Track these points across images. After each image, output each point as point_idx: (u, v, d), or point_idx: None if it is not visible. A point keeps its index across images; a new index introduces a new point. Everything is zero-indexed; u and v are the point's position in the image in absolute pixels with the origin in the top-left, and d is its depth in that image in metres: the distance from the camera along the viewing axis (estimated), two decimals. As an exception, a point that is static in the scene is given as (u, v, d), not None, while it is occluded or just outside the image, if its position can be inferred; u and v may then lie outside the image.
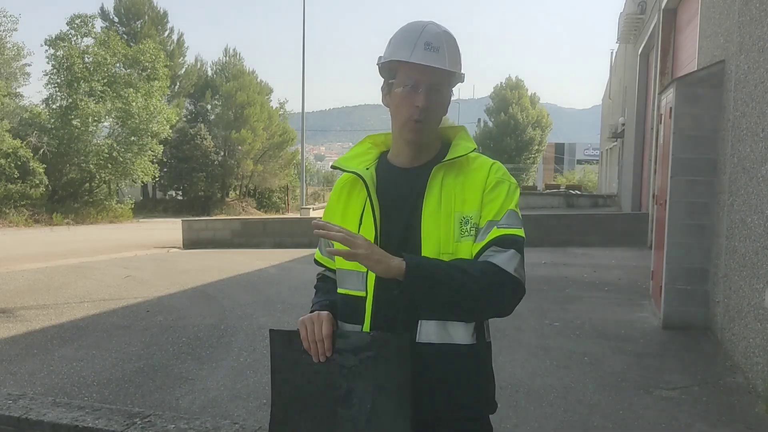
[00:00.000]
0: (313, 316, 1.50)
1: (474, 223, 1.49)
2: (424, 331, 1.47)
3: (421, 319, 1.47)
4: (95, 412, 3.33)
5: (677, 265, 5.66)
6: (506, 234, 1.46)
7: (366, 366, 1.45)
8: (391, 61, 1.52)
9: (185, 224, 14.59)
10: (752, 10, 4.64)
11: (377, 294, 1.50)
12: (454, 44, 1.54)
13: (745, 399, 3.98)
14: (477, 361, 1.52)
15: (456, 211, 1.50)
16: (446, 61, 1.50)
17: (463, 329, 1.48)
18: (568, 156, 56.17)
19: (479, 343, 1.51)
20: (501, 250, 1.45)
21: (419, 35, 1.50)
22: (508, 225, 1.48)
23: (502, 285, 1.43)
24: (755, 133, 4.42)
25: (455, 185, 1.52)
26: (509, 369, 4.61)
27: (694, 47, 7.72)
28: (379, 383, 1.43)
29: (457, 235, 1.48)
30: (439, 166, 1.53)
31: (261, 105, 34.41)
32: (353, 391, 1.46)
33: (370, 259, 1.39)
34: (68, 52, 24.82)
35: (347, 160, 1.64)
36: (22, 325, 6.20)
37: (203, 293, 7.94)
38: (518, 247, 1.47)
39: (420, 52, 1.48)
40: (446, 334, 1.47)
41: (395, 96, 1.53)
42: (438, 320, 1.47)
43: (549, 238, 12.48)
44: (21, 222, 21.88)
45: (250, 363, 4.88)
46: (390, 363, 1.43)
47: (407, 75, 1.50)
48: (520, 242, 1.48)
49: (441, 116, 1.56)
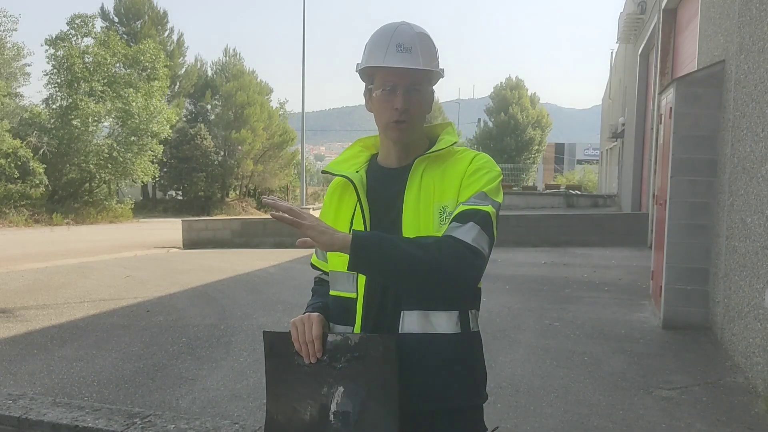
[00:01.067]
0: (303, 318, 1.52)
1: (450, 211, 1.49)
2: (407, 322, 1.48)
3: (404, 310, 1.48)
4: (95, 412, 3.33)
5: (677, 265, 5.66)
6: (468, 209, 1.44)
7: (354, 366, 1.46)
8: (367, 67, 1.53)
9: (185, 224, 14.60)
10: (752, 10, 4.64)
11: (367, 295, 1.51)
12: (427, 42, 1.53)
13: (745, 399, 3.98)
14: (462, 350, 1.51)
15: (435, 202, 1.50)
16: (420, 61, 1.49)
17: (446, 319, 1.48)
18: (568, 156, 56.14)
19: (464, 332, 1.51)
20: (459, 224, 1.42)
21: (391, 38, 1.50)
22: (473, 203, 1.46)
23: (458, 254, 1.38)
24: (755, 133, 4.42)
25: (434, 176, 1.53)
26: (509, 369, 4.61)
27: (694, 47, 7.72)
28: (367, 383, 1.45)
29: (437, 226, 1.48)
30: (421, 158, 1.54)
31: (261, 105, 34.42)
32: (343, 392, 1.47)
33: (315, 229, 1.36)
34: (68, 52, 24.82)
35: (338, 164, 1.65)
36: (22, 325, 6.20)
37: (203, 293, 7.94)
38: (478, 219, 1.43)
39: (393, 55, 1.49)
40: (428, 324, 1.47)
41: (375, 100, 1.54)
42: (420, 310, 1.47)
43: (549, 238, 12.49)
44: (21, 222, 21.88)
45: (250, 363, 4.88)
46: (377, 363, 1.44)
47: (383, 79, 1.51)
48: (482, 214, 1.44)
49: (424, 114, 1.56)
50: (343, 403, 1.47)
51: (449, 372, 1.49)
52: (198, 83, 35.48)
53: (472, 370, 1.55)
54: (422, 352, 1.47)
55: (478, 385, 1.56)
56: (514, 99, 47.79)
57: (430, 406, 1.49)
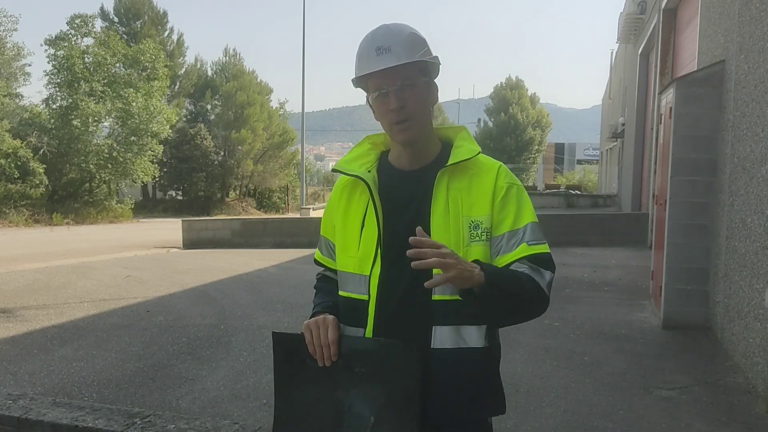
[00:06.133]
0: (318, 321, 1.48)
1: (485, 228, 1.49)
2: (439, 337, 1.47)
3: (435, 325, 1.47)
4: (95, 412, 3.33)
5: (677, 265, 5.66)
6: (538, 253, 1.50)
7: (373, 372, 1.44)
8: (358, 78, 1.54)
9: (185, 224, 14.60)
10: (752, 10, 4.64)
11: (380, 298, 1.50)
12: (407, 36, 1.50)
13: (745, 399, 3.98)
14: (490, 363, 1.53)
15: (464, 215, 1.49)
16: (402, 57, 1.47)
17: (476, 333, 1.48)
18: (568, 156, 56.13)
19: (491, 345, 1.52)
20: (537, 268, 1.48)
21: (370, 43, 1.50)
22: (536, 241, 1.51)
23: (541, 302, 1.48)
24: (755, 133, 4.42)
25: (461, 189, 1.51)
26: (509, 369, 4.61)
27: (694, 47, 7.72)
28: (387, 390, 1.42)
29: (467, 240, 1.48)
30: (443, 170, 1.52)
31: (261, 105, 34.42)
32: (359, 397, 1.44)
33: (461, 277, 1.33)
34: (68, 52, 24.83)
35: (348, 162, 1.62)
36: (22, 325, 6.20)
37: (203, 293, 7.94)
38: (551, 267, 1.52)
39: (373, 60, 1.48)
40: (460, 338, 1.47)
41: (374, 107, 1.54)
42: (452, 325, 1.47)
43: (549, 238, 12.21)
44: (21, 222, 21.89)
45: (250, 363, 4.88)
46: (398, 371, 1.41)
47: (374, 85, 1.51)
48: (551, 261, 1.53)
49: (426, 107, 1.54)
50: (359, 407, 1.44)
51: (478, 383, 1.50)
52: (198, 83, 35.49)
53: (496, 379, 1.56)
54: (454, 366, 1.46)
55: (500, 393, 1.58)
56: (514, 99, 47.78)
57: (459, 416, 1.49)
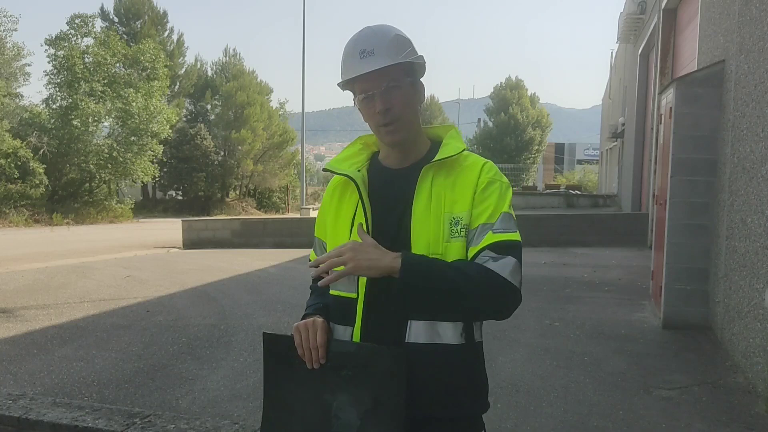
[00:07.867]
0: (308, 323, 1.49)
1: (464, 224, 1.48)
2: (414, 331, 1.47)
3: (411, 319, 1.47)
4: (95, 412, 3.34)
5: (677, 265, 5.66)
6: (502, 240, 1.45)
7: (360, 376, 1.44)
8: (345, 82, 1.54)
9: (185, 224, 14.61)
10: (752, 10, 4.64)
11: (368, 296, 1.50)
12: (390, 38, 1.50)
13: (745, 399, 3.98)
14: (466, 361, 1.51)
15: (446, 212, 1.49)
16: (385, 59, 1.47)
17: (452, 330, 1.47)
18: (568, 156, 56.15)
19: (468, 343, 1.50)
20: (497, 256, 1.43)
21: (354, 46, 1.51)
22: (503, 229, 1.46)
23: (499, 291, 1.42)
24: (755, 133, 4.42)
25: (445, 185, 1.51)
26: (509, 369, 4.61)
27: (694, 47, 7.72)
28: (373, 394, 1.43)
29: (447, 236, 1.47)
30: (428, 166, 1.52)
31: (261, 105, 34.46)
32: (346, 400, 1.45)
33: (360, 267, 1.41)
34: (68, 52, 24.85)
35: (339, 162, 1.63)
36: (22, 325, 6.20)
37: (203, 293, 7.94)
38: (514, 253, 1.45)
39: (357, 64, 1.49)
40: (435, 334, 1.47)
41: (361, 111, 1.54)
42: (427, 320, 1.47)
43: (549, 238, 12.48)
44: (21, 222, 21.90)
45: (250, 363, 4.88)
46: (385, 375, 1.42)
47: (359, 88, 1.51)
48: (516, 247, 1.47)
49: (412, 108, 1.54)
50: (347, 411, 1.45)
51: (453, 380, 1.49)
52: (198, 83, 35.52)
53: (475, 378, 1.55)
54: (428, 361, 1.46)
55: (480, 393, 1.56)
56: (514, 99, 47.82)
57: (433, 413, 1.48)
